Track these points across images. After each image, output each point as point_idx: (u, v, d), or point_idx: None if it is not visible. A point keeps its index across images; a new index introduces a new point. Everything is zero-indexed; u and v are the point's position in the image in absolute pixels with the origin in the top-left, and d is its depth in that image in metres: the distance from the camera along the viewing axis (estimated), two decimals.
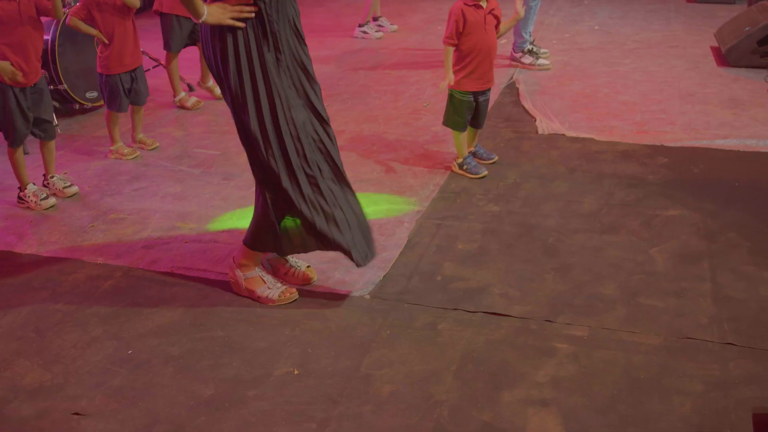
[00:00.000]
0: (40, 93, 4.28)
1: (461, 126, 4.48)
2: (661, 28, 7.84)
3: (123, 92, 4.89)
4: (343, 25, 8.30)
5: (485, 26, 4.28)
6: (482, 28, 4.27)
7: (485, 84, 4.41)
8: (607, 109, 5.52)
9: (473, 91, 4.39)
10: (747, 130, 5.07)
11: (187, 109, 5.83)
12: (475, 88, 4.39)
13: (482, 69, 4.35)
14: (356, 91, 6.11)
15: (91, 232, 4.01)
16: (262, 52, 3.02)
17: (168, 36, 5.70)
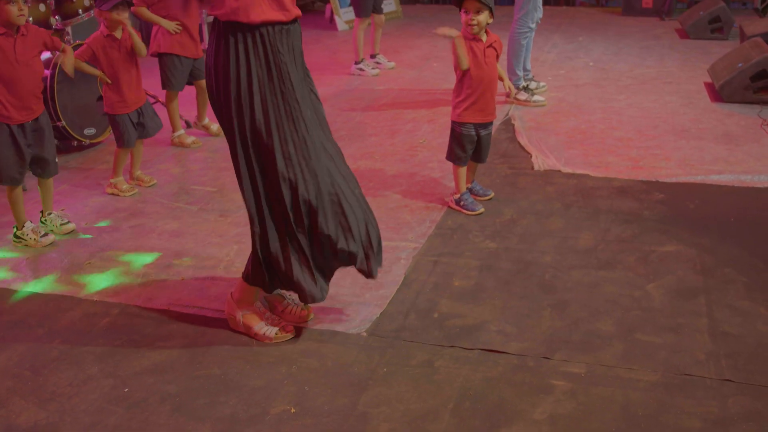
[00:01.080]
0: (41, 131, 4.29)
1: (463, 160, 4.50)
2: (655, 65, 7.92)
3: (132, 126, 4.94)
4: (340, 62, 8.37)
5: (485, 59, 4.32)
6: (482, 61, 4.32)
7: (487, 116, 4.45)
8: (602, 145, 5.55)
9: (475, 123, 4.42)
10: (741, 166, 5.10)
11: (186, 147, 5.86)
12: (477, 119, 4.42)
13: (483, 101, 4.39)
14: (353, 127, 6.15)
15: (87, 269, 4.01)
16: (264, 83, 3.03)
17: (169, 75, 5.75)
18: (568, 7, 12.35)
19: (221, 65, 3.03)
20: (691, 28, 9.15)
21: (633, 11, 10.72)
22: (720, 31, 9.06)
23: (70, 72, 4.57)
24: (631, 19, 10.53)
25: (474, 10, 4.22)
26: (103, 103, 4.95)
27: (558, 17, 10.69)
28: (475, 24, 4.24)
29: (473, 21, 4.23)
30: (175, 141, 5.93)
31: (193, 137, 5.94)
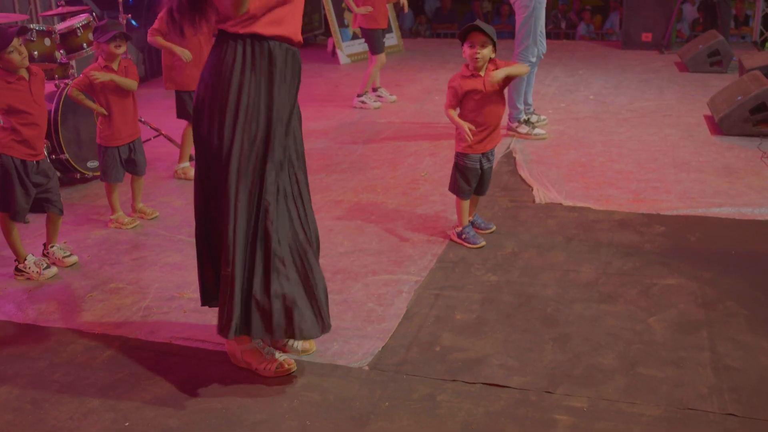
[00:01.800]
0: (44, 173, 4.35)
1: (466, 193, 4.51)
2: (654, 98, 7.97)
3: (120, 163, 4.95)
4: (342, 95, 8.42)
5: (485, 92, 4.32)
6: (483, 95, 4.32)
7: (489, 144, 4.44)
8: (603, 178, 5.58)
9: (479, 154, 4.43)
10: (742, 198, 5.12)
11: (189, 180, 5.88)
12: (480, 150, 4.42)
13: (485, 133, 4.39)
14: (355, 160, 6.18)
15: (89, 302, 4.02)
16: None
17: (187, 107, 5.74)
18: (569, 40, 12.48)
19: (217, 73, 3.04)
20: (690, 61, 9.21)
21: (632, 45, 10.80)
22: (719, 64, 9.13)
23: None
24: (631, 52, 10.61)
25: (480, 44, 4.24)
26: (96, 134, 4.97)
27: (558, 51, 10.77)
28: (480, 58, 4.26)
29: (478, 55, 4.25)
30: (179, 173, 5.94)
31: None
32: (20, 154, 4.22)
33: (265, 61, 3.04)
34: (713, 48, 9.09)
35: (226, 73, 3.02)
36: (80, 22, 6.10)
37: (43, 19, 8.03)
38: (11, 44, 4.06)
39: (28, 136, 4.21)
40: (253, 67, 3.03)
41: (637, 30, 10.75)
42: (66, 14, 6.56)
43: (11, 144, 4.20)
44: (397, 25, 11.51)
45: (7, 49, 4.06)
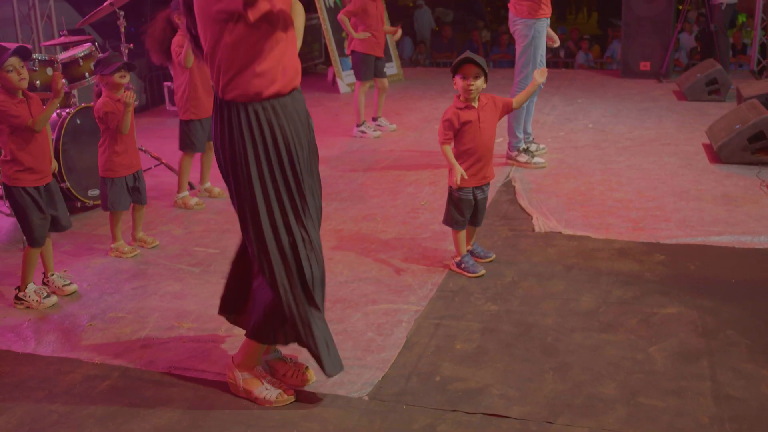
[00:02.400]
0: (51, 192, 4.38)
1: (461, 224, 4.53)
2: (653, 126, 8.00)
3: (127, 191, 4.97)
4: (342, 125, 8.46)
5: (480, 124, 4.37)
6: (476, 127, 4.36)
7: (483, 179, 4.49)
8: (602, 207, 5.59)
9: (473, 187, 4.46)
10: (741, 227, 5.12)
11: (189, 209, 5.90)
12: (474, 183, 4.46)
13: (479, 165, 4.43)
14: (354, 190, 6.20)
15: (89, 331, 4.01)
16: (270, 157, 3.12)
17: (192, 138, 5.80)
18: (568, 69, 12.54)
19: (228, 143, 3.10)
20: (688, 90, 9.26)
21: (631, 73, 10.86)
22: (717, 93, 9.18)
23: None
24: (630, 81, 10.67)
25: (473, 75, 4.29)
26: (99, 167, 4.99)
27: (557, 79, 10.83)
28: (474, 89, 4.30)
29: (472, 86, 4.29)
30: (178, 202, 5.96)
31: (196, 199, 5.98)
32: (29, 183, 4.25)
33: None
34: (711, 77, 9.15)
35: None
36: (82, 52, 6.15)
37: (46, 49, 8.09)
38: (9, 62, 4.08)
39: (31, 162, 4.23)
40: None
41: (635, 59, 10.82)
42: (68, 44, 6.61)
43: (17, 176, 4.23)
44: (396, 54, 11.58)
45: (5, 66, 4.07)
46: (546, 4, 6.36)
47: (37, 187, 4.29)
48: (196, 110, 5.77)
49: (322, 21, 10.53)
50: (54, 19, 9.13)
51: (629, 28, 10.81)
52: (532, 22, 6.31)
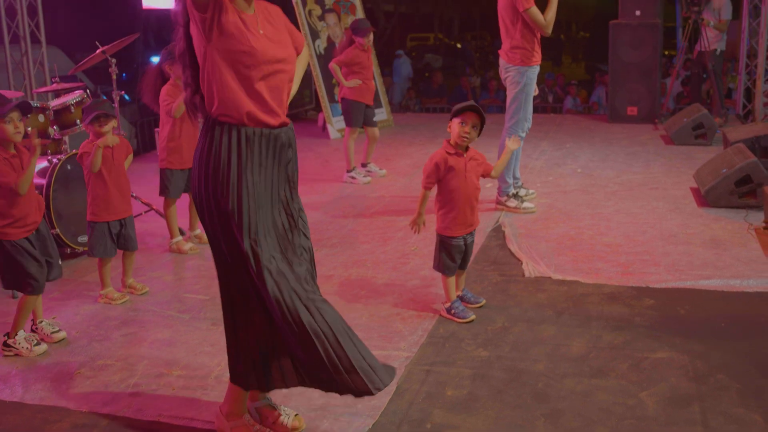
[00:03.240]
0: (43, 238, 4.37)
1: (452, 270, 4.54)
2: (641, 170, 8.07)
3: (109, 238, 4.97)
4: (332, 170, 8.50)
5: (465, 173, 4.40)
6: (462, 175, 4.40)
7: (469, 227, 4.52)
8: (592, 252, 5.61)
9: (461, 235, 4.49)
10: (730, 270, 5.15)
11: (183, 253, 5.90)
12: (462, 232, 4.48)
13: (465, 213, 4.46)
14: (345, 235, 6.21)
15: (77, 379, 3.98)
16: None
17: (167, 183, 5.84)
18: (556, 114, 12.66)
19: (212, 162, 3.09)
20: (675, 134, 9.37)
21: (618, 118, 10.99)
22: (704, 137, 9.28)
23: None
24: (617, 125, 10.78)
25: (471, 124, 4.33)
26: (87, 209, 4.99)
27: (546, 124, 10.93)
28: (469, 138, 4.34)
29: (468, 135, 4.33)
30: (173, 247, 5.96)
31: (190, 243, 5.99)
32: (18, 236, 4.24)
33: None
34: (698, 121, 9.26)
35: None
36: (74, 99, 6.18)
37: (38, 96, 8.14)
38: (9, 114, 4.11)
39: (19, 214, 4.23)
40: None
41: (622, 104, 10.96)
42: (60, 91, 6.65)
43: (5, 230, 4.21)
44: (386, 99, 11.69)
45: (5, 117, 4.10)
46: (537, 52, 6.45)
47: (27, 237, 4.29)
48: (174, 159, 5.79)
49: (312, 67, 10.63)
50: (46, 66, 9.19)
51: (616, 74, 10.96)
52: (525, 70, 6.39)
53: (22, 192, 4.19)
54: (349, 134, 7.90)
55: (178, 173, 5.82)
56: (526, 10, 6.22)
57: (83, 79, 10.56)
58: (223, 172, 3.07)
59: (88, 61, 6.68)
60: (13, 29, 8.86)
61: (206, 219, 3.15)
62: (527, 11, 6.22)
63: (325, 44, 10.86)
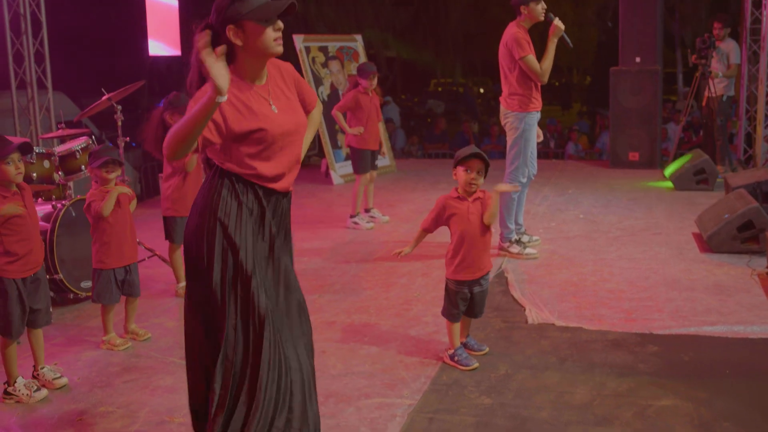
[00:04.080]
0: (38, 282, 4.38)
1: (455, 317, 4.52)
2: (643, 216, 8.08)
3: (115, 285, 4.98)
4: (335, 216, 8.52)
5: (469, 216, 4.41)
6: (466, 219, 4.41)
7: (477, 272, 4.48)
8: (595, 298, 5.60)
9: (467, 281, 4.46)
10: (734, 317, 5.13)
11: None
12: (468, 277, 4.46)
13: (471, 258, 4.46)
14: (348, 281, 6.21)
15: (78, 426, 3.96)
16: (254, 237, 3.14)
17: (171, 229, 5.86)
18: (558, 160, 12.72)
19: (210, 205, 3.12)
20: (677, 180, 9.40)
21: (620, 164, 11.04)
22: (705, 182, 9.31)
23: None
24: (619, 171, 10.83)
25: (476, 170, 4.36)
26: (93, 257, 5.01)
27: (548, 170, 10.98)
28: (475, 184, 4.37)
29: (475, 181, 4.37)
30: (179, 292, 5.97)
31: None
32: (17, 274, 4.25)
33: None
34: (699, 167, 9.30)
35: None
36: (79, 145, 6.24)
37: (43, 142, 8.21)
38: (10, 156, 4.16)
39: (22, 252, 4.25)
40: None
41: (624, 149, 11.02)
42: (65, 137, 6.71)
43: (6, 267, 4.23)
44: (389, 145, 11.76)
45: (6, 159, 4.14)
46: (537, 98, 6.50)
47: (23, 279, 4.29)
48: (180, 207, 5.82)
49: None
50: (52, 112, 9.29)
51: (617, 120, 11.05)
52: (524, 116, 6.44)
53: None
54: (360, 181, 7.92)
55: (181, 220, 5.85)
56: (522, 58, 6.29)
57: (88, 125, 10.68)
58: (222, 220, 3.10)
59: (93, 108, 6.75)
60: (21, 75, 8.98)
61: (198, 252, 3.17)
62: (523, 59, 6.30)
63: (328, 91, 10.96)
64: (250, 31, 3.06)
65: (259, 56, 3.13)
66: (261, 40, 3.07)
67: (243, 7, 3.03)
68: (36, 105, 9.07)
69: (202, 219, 3.13)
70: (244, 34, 3.07)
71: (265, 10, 3.06)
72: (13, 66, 8.88)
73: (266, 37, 3.07)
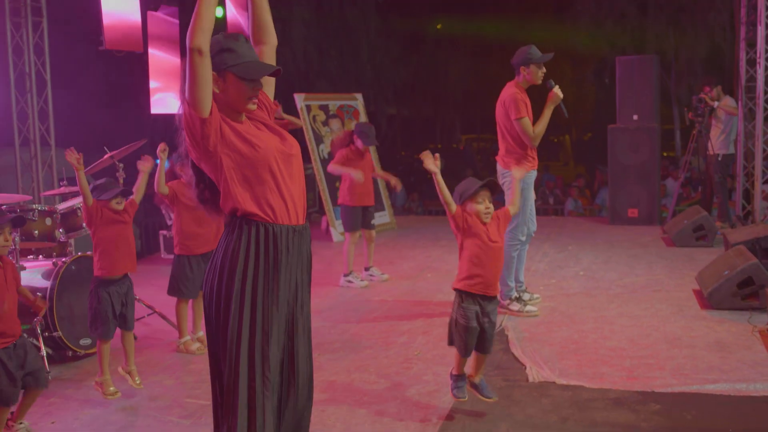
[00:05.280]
0: (23, 349, 4.36)
1: (464, 351, 4.48)
2: (643, 273, 8.08)
3: (111, 317, 4.99)
4: (335, 274, 8.49)
5: (489, 235, 4.42)
6: (485, 240, 4.41)
7: (488, 289, 4.44)
8: (596, 355, 5.57)
9: (479, 295, 4.42)
10: (736, 374, 5.10)
11: (191, 354, 5.88)
12: (480, 290, 4.43)
13: (487, 276, 4.43)
14: (347, 339, 6.18)
15: None
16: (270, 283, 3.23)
17: (179, 284, 5.87)
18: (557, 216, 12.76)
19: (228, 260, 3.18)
20: (676, 236, 9.42)
21: (620, 220, 11.08)
22: (704, 238, 9.33)
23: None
24: (618, 227, 10.86)
25: (488, 198, 4.41)
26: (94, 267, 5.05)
27: (548, 227, 11.01)
28: (490, 212, 4.42)
29: (489, 209, 4.41)
30: (180, 348, 5.95)
31: (198, 344, 5.97)
32: None
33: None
34: (698, 223, 9.33)
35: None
36: (80, 202, 6.26)
37: (45, 199, 8.25)
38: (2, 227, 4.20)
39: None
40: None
41: (623, 206, 11.08)
42: (67, 194, 6.76)
43: None
44: (389, 202, 11.81)
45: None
46: (533, 157, 6.56)
47: (5, 348, 4.27)
48: (191, 244, 5.85)
49: (316, 171, 10.80)
50: (54, 168, 9.35)
51: (616, 177, 11.13)
52: None
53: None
54: (349, 239, 7.94)
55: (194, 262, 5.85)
56: (517, 119, 6.37)
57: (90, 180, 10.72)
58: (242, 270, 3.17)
59: (96, 166, 6.80)
60: (24, 132, 9.06)
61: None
62: (518, 120, 6.38)
63: (328, 149, 11.05)
64: (230, 82, 3.17)
65: (231, 108, 3.22)
66: (237, 94, 3.18)
67: (230, 59, 3.14)
68: (39, 162, 9.15)
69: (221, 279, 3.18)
70: (224, 84, 3.17)
71: (250, 69, 3.16)
72: (17, 123, 8.98)
73: (242, 94, 3.18)
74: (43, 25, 9.03)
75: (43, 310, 4.66)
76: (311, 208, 12.45)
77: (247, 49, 3.23)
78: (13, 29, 8.82)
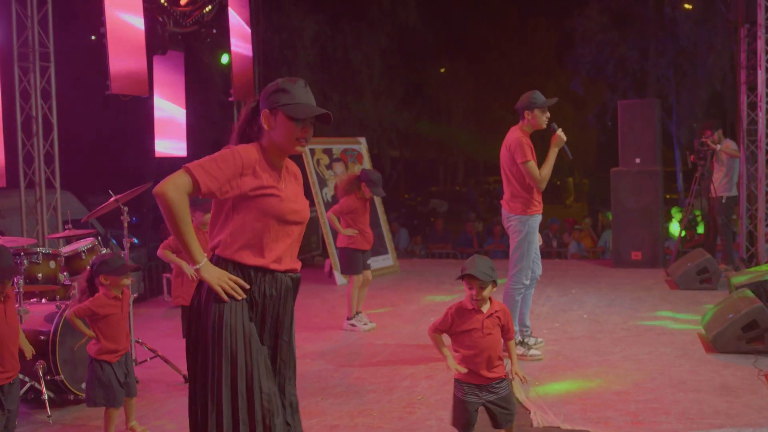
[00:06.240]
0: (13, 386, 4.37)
1: (462, 427, 4.32)
2: (647, 316, 8.05)
3: (118, 385, 4.95)
4: (338, 317, 8.47)
5: (482, 329, 4.24)
6: (479, 332, 4.24)
7: (484, 379, 4.27)
8: (600, 399, 5.53)
9: (475, 384, 4.27)
10: (742, 418, 5.06)
11: None
12: (475, 381, 4.27)
13: (481, 370, 4.26)
14: (350, 383, 6.14)
15: None
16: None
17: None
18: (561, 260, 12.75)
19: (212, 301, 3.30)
20: (680, 279, 9.41)
21: (623, 263, 11.07)
22: (708, 281, 9.31)
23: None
24: (622, 270, 10.85)
25: (478, 286, 4.21)
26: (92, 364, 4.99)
27: (551, 270, 10.98)
28: (480, 300, 4.23)
29: (478, 297, 4.21)
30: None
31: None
32: None
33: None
34: (702, 266, 9.32)
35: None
36: (85, 246, 6.30)
37: (50, 242, 8.26)
38: None
39: None
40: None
41: (626, 248, 11.07)
42: (72, 237, 6.77)
43: None
44: (392, 245, 11.82)
45: None
46: (538, 201, 6.57)
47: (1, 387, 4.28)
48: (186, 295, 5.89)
49: (319, 215, 10.83)
50: (59, 211, 9.37)
51: (619, 220, 11.14)
52: (526, 219, 6.50)
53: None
54: (353, 282, 7.90)
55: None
56: (523, 162, 6.39)
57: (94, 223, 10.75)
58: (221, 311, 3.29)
59: (100, 210, 6.83)
60: (30, 176, 9.11)
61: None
62: (524, 164, 6.39)
63: (332, 192, 11.09)
64: (280, 121, 3.34)
65: (279, 147, 3.38)
66: (285, 133, 3.34)
67: (283, 99, 3.33)
68: (44, 204, 9.17)
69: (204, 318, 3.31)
70: (275, 122, 3.35)
71: (300, 109, 3.34)
72: (23, 166, 9.03)
73: (290, 133, 3.34)
74: (50, 70, 9.13)
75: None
76: (315, 251, 12.47)
77: (303, 93, 3.40)
78: (21, 74, 8.92)
